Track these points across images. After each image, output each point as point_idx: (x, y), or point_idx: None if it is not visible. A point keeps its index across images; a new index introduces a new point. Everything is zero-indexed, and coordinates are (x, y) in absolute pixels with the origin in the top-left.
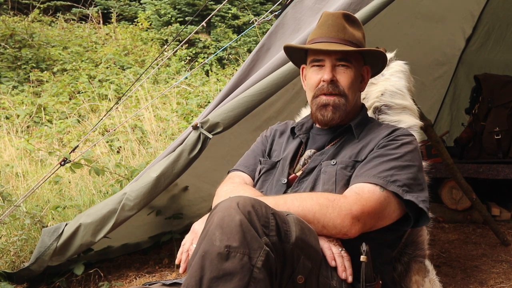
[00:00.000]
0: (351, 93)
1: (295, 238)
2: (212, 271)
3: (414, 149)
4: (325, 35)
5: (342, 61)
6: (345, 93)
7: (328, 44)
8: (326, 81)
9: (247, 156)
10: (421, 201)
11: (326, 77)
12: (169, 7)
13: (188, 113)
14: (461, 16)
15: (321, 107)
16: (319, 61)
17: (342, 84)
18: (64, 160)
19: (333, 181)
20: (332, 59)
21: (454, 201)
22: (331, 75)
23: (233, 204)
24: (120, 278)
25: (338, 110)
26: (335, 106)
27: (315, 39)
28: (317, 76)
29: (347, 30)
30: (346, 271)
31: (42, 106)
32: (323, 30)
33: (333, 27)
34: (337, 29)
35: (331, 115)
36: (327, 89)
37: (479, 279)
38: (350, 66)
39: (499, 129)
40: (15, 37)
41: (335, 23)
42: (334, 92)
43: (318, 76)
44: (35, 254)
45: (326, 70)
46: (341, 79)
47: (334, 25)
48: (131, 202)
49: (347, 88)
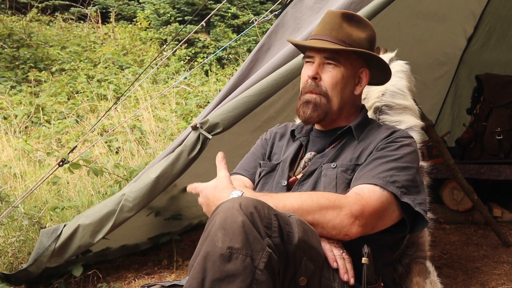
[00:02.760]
0: (335, 93)
1: (297, 239)
2: (214, 273)
3: (413, 151)
4: (320, 33)
5: (330, 59)
6: (326, 93)
7: (318, 42)
8: (309, 77)
9: (247, 159)
10: (418, 204)
11: (309, 73)
12: (168, 7)
13: (188, 113)
14: (463, 15)
15: (303, 104)
16: (310, 57)
17: (325, 83)
18: (63, 160)
19: (334, 185)
20: (321, 57)
21: (455, 202)
22: (315, 72)
23: (236, 205)
24: (118, 280)
25: (317, 109)
26: (316, 104)
27: (312, 36)
28: (306, 72)
29: (342, 29)
30: (347, 273)
31: (40, 106)
32: (320, 28)
33: (328, 25)
34: (331, 28)
35: (310, 112)
36: (310, 87)
37: (480, 280)
38: (338, 66)
39: (500, 129)
40: (13, 37)
41: (332, 21)
42: (315, 91)
43: (306, 73)
44: (33, 255)
45: (313, 67)
46: (325, 78)
47: (330, 23)
48: (130, 203)
49: (330, 88)
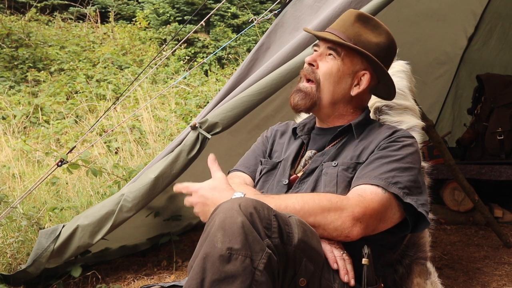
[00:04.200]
0: (326, 84)
1: (297, 240)
2: (214, 274)
3: (415, 151)
4: (332, 27)
5: (331, 50)
6: (319, 81)
7: (326, 33)
8: (307, 62)
9: (248, 157)
10: (420, 205)
11: (308, 59)
12: (167, 6)
13: (187, 113)
14: (463, 15)
15: (295, 91)
16: (317, 46)
17: (319, 71)
18: (61, 161)
19: (334, 183)
20: (325, 47)
21: (456, 202)
22: (314, 59)
23: (235, 206)
24: (118, 281)
25: (305, 98)
26: (306, 93)
27: (326, 29)
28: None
29: (352, 28)
30: (348, 274)
31: (39, 106)
32: (334, 23)
33: (340, 21)
34: (342, 24)
35: (298, 100)
36: (306, 71)
37: (481, 281)
38: (337, 59)
39: (501, 129)
40: (12, 37)
41: (346, 18)
42: (309, 77)
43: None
44: (32, 256)
45: (314, 54)
46: (321, 67)
47: (343, 19)
48: (129, 203)
49: (322, 77)
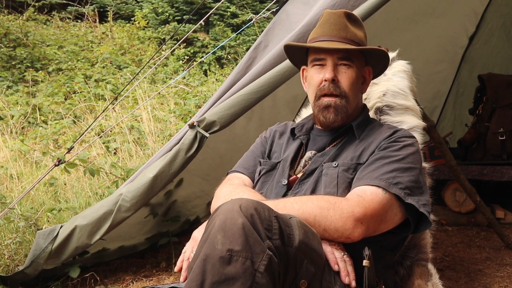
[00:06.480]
0: (352, 94)
1: (298, 242)
2: (214, 275)
3: (415, 151)
4: (327, 34)
5: (344, 60)
6: (346, 94)
7: (330, 43)
8: (328, 80)
9: (246, 157)
10: (422, 205)
11: (328, 76)
12: (166, 5)
13: (186, 113)
14: (463, 13)
15: (323, 109)
16: (321, 60)
17: (343, 85)
18: (59, 161)
19: (335, 184)
20: (334, 58)
21: (457, 203)
22: (333, 74)
23: (236, 207)
24: (116, 282)
25: (340, 112)
26: (337, 107)
27: (316, 38)
28: (319, 75)
29: (349, 29)
30: (349, 276)
31: (37, 106)
32: (325, 29)
33: (335, 26)
34: (339, 28)
35: (333, 117)
36: (328, 89)
37: (483, 283)
38: (352, 66)
39: (503, 130)
40: (10, 36)
41: (337, 21)
42: (335, 92)
43: (320, 76)
44: (30, 257)
45: (328, 69)
46: (342, 79)
47: (336, 23)
48: (128, 203)
49: (348, 89)
